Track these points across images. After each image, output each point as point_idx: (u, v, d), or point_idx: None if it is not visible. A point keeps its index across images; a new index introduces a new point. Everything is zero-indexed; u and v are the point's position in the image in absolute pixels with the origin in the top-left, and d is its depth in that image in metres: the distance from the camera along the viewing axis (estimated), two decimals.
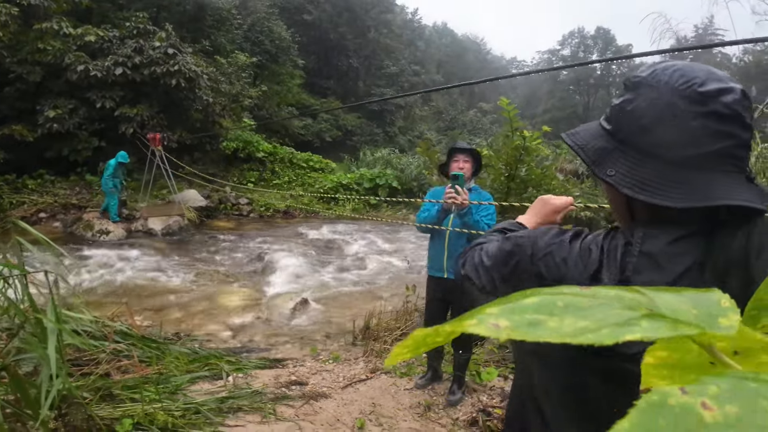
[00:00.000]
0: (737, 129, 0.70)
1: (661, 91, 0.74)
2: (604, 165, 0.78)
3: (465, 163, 3.28)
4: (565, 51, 60.23)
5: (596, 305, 0.23)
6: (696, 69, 0.74)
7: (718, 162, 0.70)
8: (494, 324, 0.22)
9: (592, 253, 0.79)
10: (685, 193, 0.70)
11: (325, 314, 6.20)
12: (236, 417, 3.05)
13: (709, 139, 0.70)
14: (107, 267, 7.92)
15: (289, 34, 24.87)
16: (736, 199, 0.68)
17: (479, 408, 3.31)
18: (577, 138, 0.84)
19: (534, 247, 0.87)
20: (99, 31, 12.75)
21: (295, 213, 15.05)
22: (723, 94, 0.70)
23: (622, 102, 0.79)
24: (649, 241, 0.74)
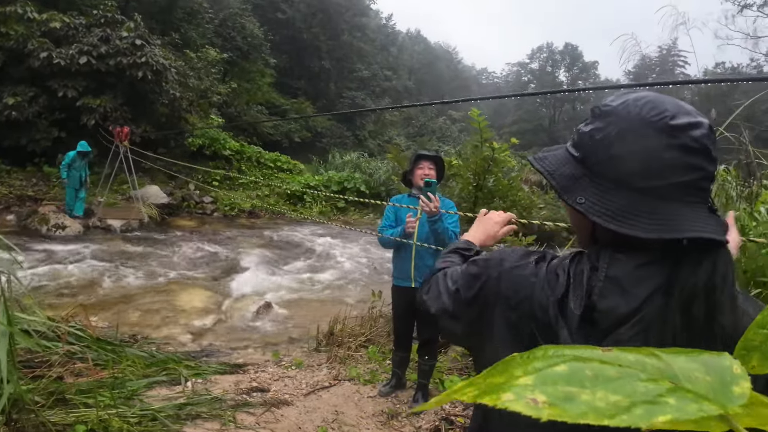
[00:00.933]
0: (704, 162, 0.73)
1: (632, 122, 0.75)
2: (573, 192, 0.79)
3: (430, 170, 3.30)
4: (534, 65, 61.73)
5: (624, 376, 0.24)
6: (666, 102, 0.76)
7: (685, 193, 0.73)
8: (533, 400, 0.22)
9: (559, 278, 0.80)
10: (653, 223, 0.72)
11: (289, 318, 6.13)
12: (194, 424, 2.97)
13: (678, 171, 0.72)
14: (62, 264, 7.61)
15: (261, 32, 24.56)
16: (702, 231, 0.70)
17: (442, 416, 3.33)
18: (546, 164, 0.85)
19: (500, 269, 0.88)
20: (65, 17, 12.29)
21: (261, 213, 14.83)
22: (693, 128, 0.73)
23: (592, 130, 0.80)
24: (614, 266, 0.76)
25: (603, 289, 0.75)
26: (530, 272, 0.84)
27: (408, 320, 3.48)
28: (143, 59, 12.23)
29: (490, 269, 0.90)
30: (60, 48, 11.98)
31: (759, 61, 19.97)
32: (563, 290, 0.78)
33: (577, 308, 0.75)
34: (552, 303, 0.78)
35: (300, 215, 14.75)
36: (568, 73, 59.90)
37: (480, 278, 0.91)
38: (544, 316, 0.78)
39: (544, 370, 0.25)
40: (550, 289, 0.80)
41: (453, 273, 0.99)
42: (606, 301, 0.74)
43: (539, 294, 0.80)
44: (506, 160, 5.62)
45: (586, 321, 0.75)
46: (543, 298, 0.79)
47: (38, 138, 12.03)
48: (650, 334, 0.71)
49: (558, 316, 0.77)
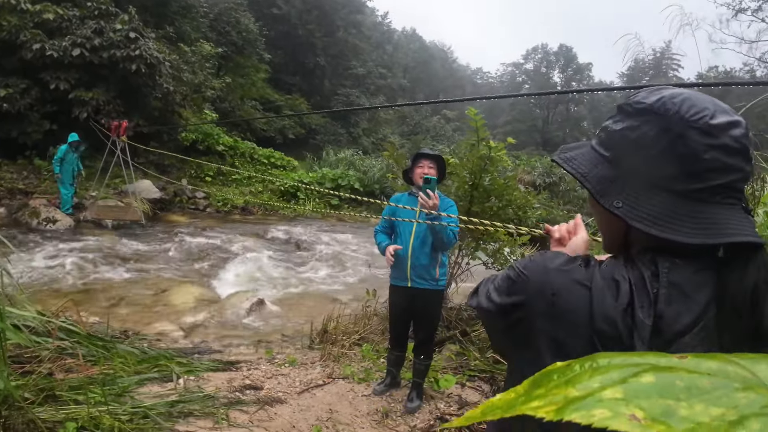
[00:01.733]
0: (743, 163, 0.71)
1: (671, 121, 0.72)
2: (609, 196, 0.75)
3: (430, 169, 3.28)
4: (528, 65, 61.93)
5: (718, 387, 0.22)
6: (705, 100, 0.73)
7: (724, 195, 0.70)
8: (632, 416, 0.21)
9: (620, 285, 0.74)
10: (696, 227, 0.69)
11: (282, 316, 6.09)
12: (187, 422, 2.93)
13: (719, 172, 0.70)
14: (53, 258, 7.52)
15: (256, 27, 24.45)
16: (745, 235, 0.69)
17: (437, 416, 3.32)
18: (577, 165, 0.81)
19: (544, 274, 0.81)
20: (58, 9, 12.12)
21: (254, 209, 14.75)
22: (732, 127, 0.70)
23: (624, 129, 0.76)
24: (675, 271, 0.72)
25: (668, 295, 0.71)
26: (582, 277, 0.77)
27: (405, 320, 3.46)
28: (137, 52, 12.10)
29: (530, 274, 0.83)
30: (53, 40, 11.82)
31: (752, 66, 20.16)
32: (628, 298, 0.73)
33: (647, 318, 0.70)
34: (619, 313, 0.72)
35: (293, 211, 14.71)
36: (562, 74, 60.14)
37: (518, 283, 0.84)
38: (612, 328, 0.71)
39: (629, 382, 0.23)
40: (612, 297, 0.73)
41: (496, 278, 0.93)
42: (671, 309, 0.71)
43: (600, 303, 0.73)
44: (502, 160, 5.61)
45: (655, 331, 0.70)
46: (607, 308, 0.72)
47: (30, 130, 11.88)
48: (710, 342, 0.69)
49: (631, 327, 0.71)
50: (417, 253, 3.28)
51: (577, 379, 0.24)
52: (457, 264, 5.30)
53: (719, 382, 0.22)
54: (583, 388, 0.23)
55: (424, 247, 3.26)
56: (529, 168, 21.82)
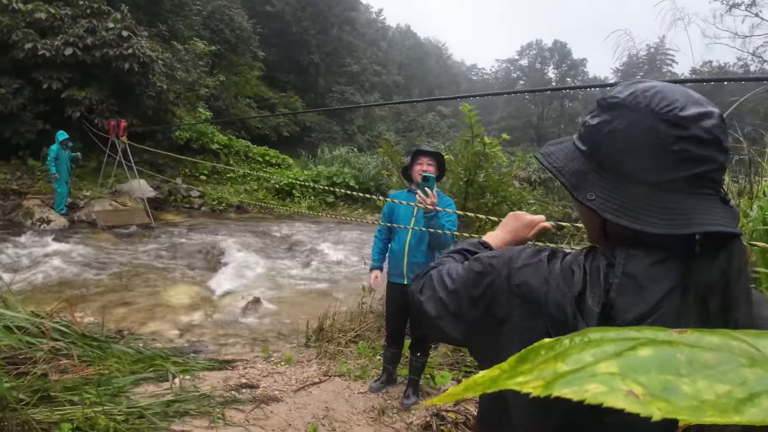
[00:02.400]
0: (716, 153, 0.71)
1: (641, 114, 0.73)
2: (583, 189, 0.77)
3: (429, 166, 3.28)
4: (523, 61, 61.89)
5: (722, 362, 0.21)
6: (676, 92, 0.74)
7: (697, 185, 0.71)
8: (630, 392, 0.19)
9: (575, 274, 0.77)
10: (665, 218, 0.70)
11: (278, 314, 6.08)
12: (182, 422, 2.92)
13: (690, 163, 0.71)
14: (47, 258, 7.48)
15: (250, 25, 24.32)
16: (715, 225, 0.69)
17: (433, 412, 3.32)
18: (553, 159, 0.82)
19: (510, 267, 0.84)
20: (50, 8, 12.02)
21: (249, 208, 14.72)
22: (703, 118, 0.71)
23: (599, 123, 0.78)
24: (631, 262, 0.74)
25: (620, 287, 0.73)
26: (544, 269, 0.81)
27: (402, 317, 3.47)
28: (130, 51, 12.02)
29: (499, 267, 0.86)
30: (45, 39, 11.73)
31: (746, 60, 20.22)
32: (580, 287, 0.76)
33: (596, 305, 0.73)
34: (569, 300, 0.75)
35: (289, 210, 14.68)
36: (556, 70, 60.15)
37: (486, 276, 0.86)
38: (561, 314, 0.75)
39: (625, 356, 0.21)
40: (566, 286, 0.77)
41: (451, 270, 0.95)
42: (623, 299, 0.72)
43: (554, 291, 0.77)
44: (497, 156, 5.61)
45: (604, 318, 0.72)
46: (559, 296, 0.76)
47: (22, 130, 11.80)
48: None
49: (576, 312, 0.74)
50: (413, 250, 3.28)
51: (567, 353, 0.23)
52: None
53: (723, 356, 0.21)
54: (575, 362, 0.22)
55: (421, 245, 3.26)
56: (524, 164, 21.83)
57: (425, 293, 0.96)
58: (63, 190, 10.22)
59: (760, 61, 16.75)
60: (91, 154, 12.69)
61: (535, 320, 0.78)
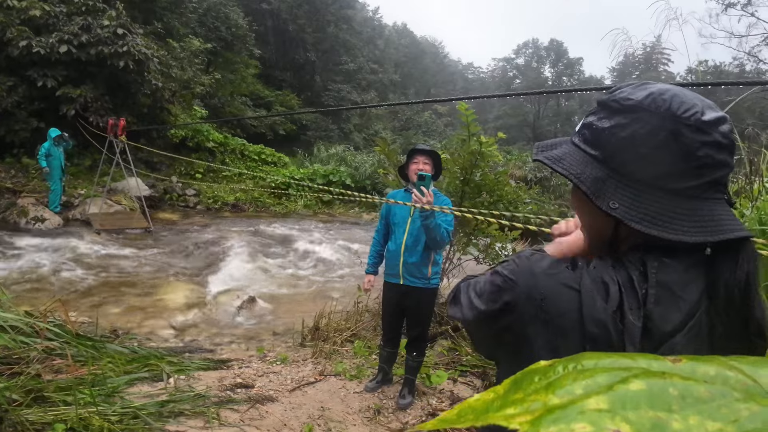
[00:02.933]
0: (730, 157, 0.71)
1: (662, 118, 0.70)
2: (604, 197, 0.73)
3: (425, 165, 3.27)
4: (519, 60, 61.94)
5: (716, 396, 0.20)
6: (690, 96, 0.72)
7: (714, 191, 0.71)
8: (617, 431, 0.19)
9: (609, 287, 0.72)
10: (695, 226, 0.69)
11: (273, 313, 6.07)
12: (177, 422, 2.91)
13: (711, 168, 0.70)
14: (41, 258, 7.43)
15: (246, 22, 24.25)
16: (740, 230, 0.69)
17: (429, 412, 3.32)
18: (568, 166, 0.77)
19: (530, 279, 0.79)
20: (45, 5, 11.94)
21: (245, 207, 14.69)
22: (721, 123, 0.70)
23: (613, 127, 0.74)
24: (664, 271, 0.71)
25: (657, 296, 0.70)
26: (570, 280, 0.76)
27: (397, 316, 3.46)
28: (125, 48, 11.95)
29: (518, 279, 0.80)
30: (40, 36, 11.66)
31: (742, 60, 20.31)
32: (618, 300, 0.71)
33: (637, 319, 0.69)
34: (610, 316, 0.70)
35: (285, 208, 14.65)
36: (553, 69, 60.24)
37: (505, 290, 0.81)
38: (602, 331, 0.71)
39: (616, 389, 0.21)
40: (602, 300, 0.72)
41: (477, 283, 0.90)
42: (660, 310, 0.70)
43: (589, 306, 0.72)
44: (493, 155, 5.61)
45: (645, 332, 0.70)
46: (597, 311, 0.71)
47: (17, 129, 11.73)
48: (700, 340, 0.69)
49: (621, 329, 0.70)
50: (410, 250, 3.27)
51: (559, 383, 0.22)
52: (448, 259, 5.31)
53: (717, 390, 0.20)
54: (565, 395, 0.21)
55: (417, 245, 3.26)
56: (521, 163, 21.87)
57: (455, 306, 0.93)
58: (57, 188, 10.17)
59: (755, 60, 16.82)
60: (86, 152, 12.63)
61: (566, 338, 0.74)
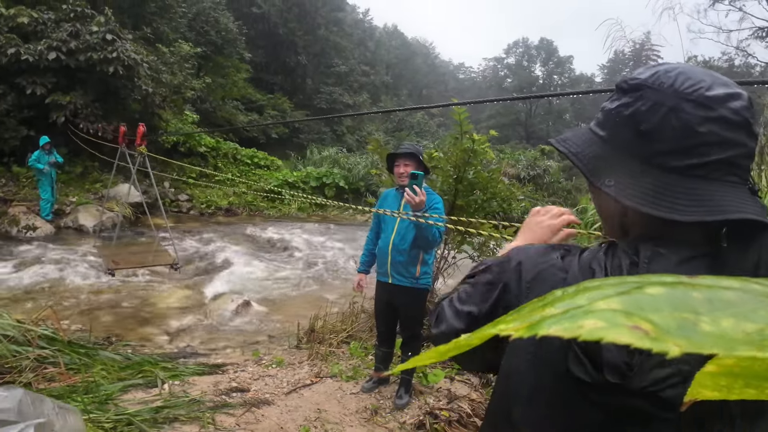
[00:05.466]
0: (744, 137, 0.67)
1: (664, 95, 0.68)
2: (601, 174, 0.72)
3: (406, 167, 3.24)
4: (510, 59, 62.10)
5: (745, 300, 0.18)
6: (700, 72, 0.69)
7: (725, 172, 0.67)
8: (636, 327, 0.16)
9: (595, 274, 0.72)
10: (693, 205, 0.65)
11: (268, 316, 6.04)
12: (172, 428, 2.88)
13: (716, 147, 0.66)
14: (33, 266, 7.36)
15: (236, 26, 24.16)
16: (747, 212, 0.64)
17: (426, 411, 3.30)
18: (570, 145, 0.78)
19: (520, 270, 0.78)
20: (33, 12, 11.86)
21: (238, 211, 14.64)
22: (731, 99, 0.66)
23: (619, 106, 0.73)
24: (656, 261, 0.68)
25: None
26: (558, 268, 0.75)
27: (388, 314, 3.45)
28: (114, 54, 11.88)
29: (508, 272, 0.79)
30: (28, 44, 11.57)
31: (730, 54, 20.45)
32: None
33: None
34: None
35: (278, 212, 14.61)
36: (543, 68, 60.46)
37: (497, 285, 0.80)
38: None
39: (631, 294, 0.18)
40: None
41: (460, 293, 0.87)
42: None
43: None
44: (486, 152, 5.61)
45: None
46: None
47: (7, 137, 11.63)
48: None
49: None
50: (397, 249, 3.26)
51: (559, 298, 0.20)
52: (443, 258, 5.30)
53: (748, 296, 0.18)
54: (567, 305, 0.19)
55: (404, 243, 3.24)
56: (513, 161, 21.94)
57: (441, 326, 0.88)
58: (47, 196, 10.09)
59: (744, 55, 16.95)
60: (77, 160, 12.54)
61: None
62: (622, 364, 0.65)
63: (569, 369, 0.69)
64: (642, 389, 0.64)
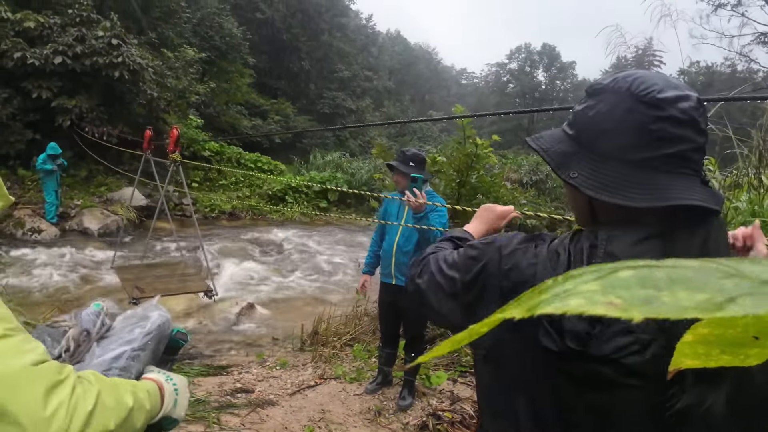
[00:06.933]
0: (693, 133, 0.75)
1: (621, 97, 0.77)
2: (566, 167, 0.81)
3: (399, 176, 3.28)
4: (513, 65, 62.18)
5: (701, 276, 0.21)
6: (655, 77, 0.78)
7: (676, 165, 0.75)
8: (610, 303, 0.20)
9: (560, 257, 0.80)
10: (645, 193, 0.74)
11: (272, 319, 6.07)
12: (177, 427, 2.90)
13: (667, 142, 0.74)
14: (39, 268, 7.41)
15: (240, 32, 24.30)
16: (692, 199, 0.72)
17: (429, 412, 3.32)
18: (541, 142, 0.87)
19: (501, 253, 0.87)
20: (39, 17, 11.97)
21: (241, 214, 14.68)
22: (680, 100, 0.75)
23: (584, 108, 0.82)
24: (613, 242, 0.76)
25: None
26: (531, 254, 0.84)
27: (392, 315, 3.47)
28: (120, 59, 11.98)
29: (491, 253, 0.89)
30: (34, 48, 11.67)
31: (733, 60, 20.51)
32: (565, 268, 0.78)
33: None
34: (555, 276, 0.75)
35: (282, 216, 14.64)
36: (546, 73, 60.55)
37: (479, 260, 0.89)
38: None
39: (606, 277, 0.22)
40: (552, 268, 0.80)
41: (447, 256, 0.98)
42: None
43: (541, 274, 0.80)
44: (488, 157, 5.65)
45: None
46: (546, 277, 0.77)
47: (12, 140, 11.71)
48: None
49: None
50: (401, 250, 3.30)
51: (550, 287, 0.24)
52: None
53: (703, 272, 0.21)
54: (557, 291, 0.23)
55: (408, 245, 3.28)
56: (516, 166, 21.97)
57: (423, 277, 1.00)
58: (52, 199, 10.14)
59: (746, 60, 16.98)
60: (82, 163, 12.61)
61: None
62: (582, 333, 0.73)
63: (539, 341, 0.76)
64: (604, 356, 0.71)
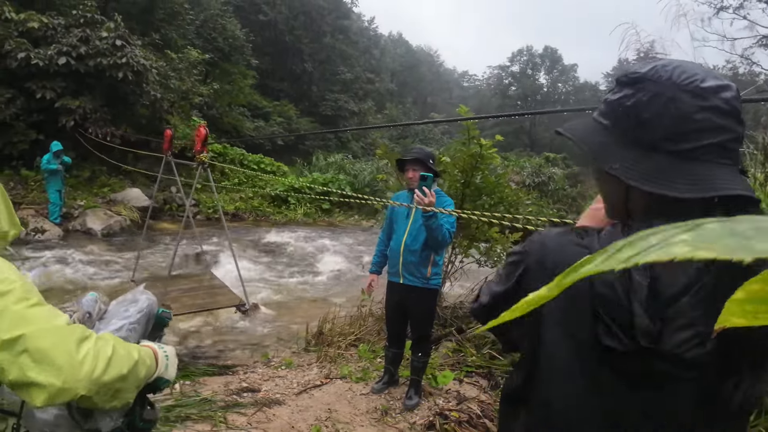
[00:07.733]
0: (734, 123, 0.75)
1: (663, 86, 0.76)
2: (607, 159, 0.79)
3: (414, 172, 3.27)
4: (514, 67, 62.16)
5: None
6: (695, 67, 0.77)
7: (717, 154, 0.74)
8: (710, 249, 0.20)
9: None
10: (689, 183, 0.72)
11: (277, 319, 6.06)
12: (184, 426, 2.90)
13: (710, 132, 0.73)
14: (42, 268, 7.42)
15: (243, 33, 24.37)
16: (737, 189, 0.71)
17: (436, 412, 3.31)
18: (577, 132, 0.85)
19: (542, 251, 0.84)
20: (43, 17, 12.02)
21: (245, 216, 14.69)
22: (722, 90, 0.74)
23: (621, 98, 0.80)
24: None
25: None
26: (578, 244, 0.81)
27: (398, 315, 3.46)
28: (123, 60, 12.02)
29: (531, 252, 0.86)
30: (38, 48, 11.72)
31: (735, 63, 20.48)
32: None
33: (644, 278, 0.73)
34: (617, 276, 0.74)
35: (285, 217, 14.66)
36: (548, 76, 60.56)
37: (520, 263, 0.87)
38: (611, 292, 0.74)
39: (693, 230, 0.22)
40: None
41: (496, 276, 0.95)
42: (667, 271, 0.73)
43: None
44: (493, 157, 5.63)
45: (651, 293, 0.73)
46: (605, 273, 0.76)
47: (16, 141, 11.74)
48: (708, 303, 0.71)
49: (629, 289, 0.73)
50: (409, 250, 3.29)
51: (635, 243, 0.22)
52: (450, 262, 5.31)
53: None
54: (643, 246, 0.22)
55: (415, 244, 3.27)
56: (519, 168, 21.96)
57: (474, 303, 0.97)
58: (56, 200, 10.16)
59: (748, 63, 16.96)
60: (85, 164, 12.64)
61: (575, 301, 0.77)
62: (654, 330, 0.72)
63: (599, 340, 0.75)
64: (667, 352, 0.71)
